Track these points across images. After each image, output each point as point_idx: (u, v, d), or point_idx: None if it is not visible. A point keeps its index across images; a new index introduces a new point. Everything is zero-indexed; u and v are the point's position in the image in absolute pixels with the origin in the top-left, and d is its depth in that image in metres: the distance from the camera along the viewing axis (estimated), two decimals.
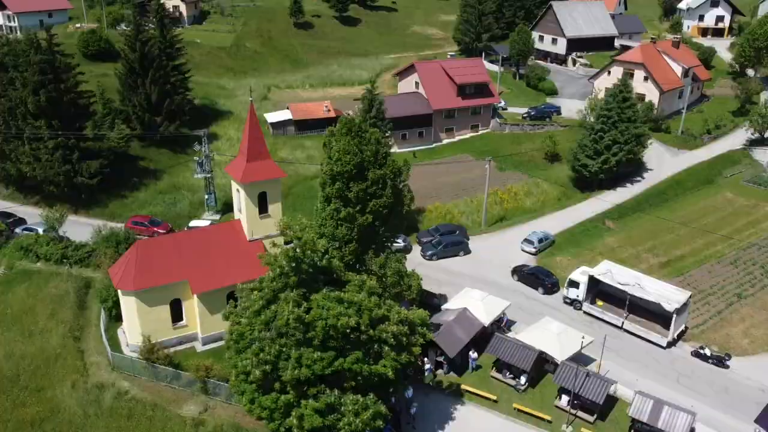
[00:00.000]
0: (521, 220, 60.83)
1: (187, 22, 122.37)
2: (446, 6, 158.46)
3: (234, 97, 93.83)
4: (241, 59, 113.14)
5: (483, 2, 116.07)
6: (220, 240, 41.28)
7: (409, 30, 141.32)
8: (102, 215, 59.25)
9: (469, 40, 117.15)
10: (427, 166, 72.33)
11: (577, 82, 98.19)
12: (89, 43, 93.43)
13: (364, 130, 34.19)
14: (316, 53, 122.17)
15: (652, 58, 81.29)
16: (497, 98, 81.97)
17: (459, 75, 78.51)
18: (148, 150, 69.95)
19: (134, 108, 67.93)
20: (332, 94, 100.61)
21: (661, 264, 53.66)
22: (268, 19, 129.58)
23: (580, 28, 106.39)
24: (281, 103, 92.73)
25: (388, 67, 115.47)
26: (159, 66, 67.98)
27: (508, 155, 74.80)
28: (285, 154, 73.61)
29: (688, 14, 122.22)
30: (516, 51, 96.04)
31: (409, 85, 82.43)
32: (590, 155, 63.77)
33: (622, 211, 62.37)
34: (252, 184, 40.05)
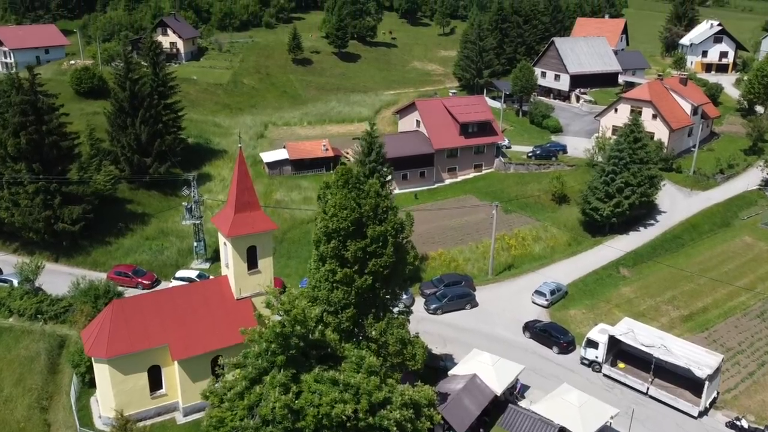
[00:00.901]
0: (530, 268, 57.18)
1: (185, 58, 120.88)
2: (446, 42, 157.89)
3: (229, 135, 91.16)
4: (238, 96, 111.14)
5: (484, 38, 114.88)
6: (204, 298, 37.62)
7: (408, 66, 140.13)
8: (84, 264, 55.68)
9: (470, 76, 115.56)
10: (429, 209, 69.04)
11: (582, 119, 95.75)
12: (82, 80, 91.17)
13: (362, 181, 30.84)
14: (314, 89, 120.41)
15: (660, 95, 78.86)
16: (501, 137, 79.22)
17: (461, 113, 75.92)
18: (137, 193, 66.74)
19: (123, 149, 64.96)
20: (331, 131, 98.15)
21: (682, 317, 49.85)
22: (266, 56, 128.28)
23: (583, 64, 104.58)
24: (278, 141, 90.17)
25: (388, 104, 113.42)
26: (150, 105, 65.26)
27: (513, 197, 71.61)
28: (280, 196, 70.44)
29: (691, 50, 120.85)
30: (519, 88, 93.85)
31: (410, 124, 79.79)
32: (601, 198, 60.50)
33: (637, 257, 58.79)
34: (240, 238, 36.60)
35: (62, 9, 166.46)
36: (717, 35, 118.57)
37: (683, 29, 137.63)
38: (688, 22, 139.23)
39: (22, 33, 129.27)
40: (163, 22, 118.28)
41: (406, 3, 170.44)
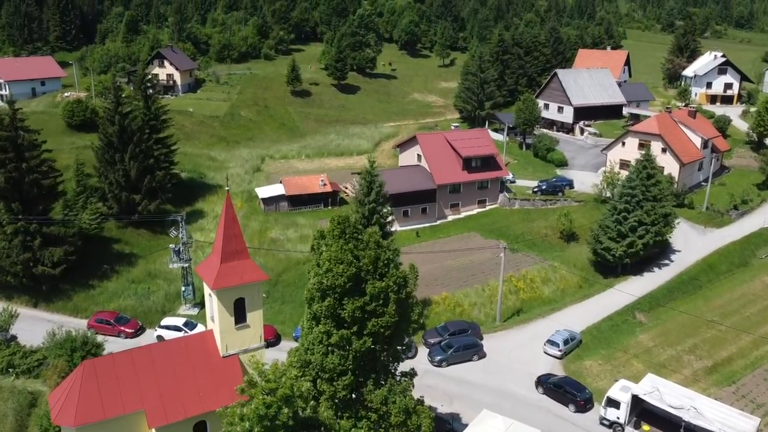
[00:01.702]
0: (540, 313, 53.67)
1: (181, 90, 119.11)
2: (446, 73, 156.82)
3: (224, 169, 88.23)
4: (234, 128, 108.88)
5: (485, 70, 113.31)
6: (186, 356, 34.05)
7: (408, 97, 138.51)
8: (64, 309, 52.18)
9: (471, 108, 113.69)
10: (431, 248, 65.79)
11: (588, 152, 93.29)
12: (74, 113, 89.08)
13: (360, 230, 27.69)
14: (313, 121, 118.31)
15: (669, 128, 76.44)
16: (505, 171, 76.49)
17: (464, 147, 73.29)
18: (125, 231, 63.54)
19: (111, 185, 62.02)
20: (329, 164, 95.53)
21: (706, 369, 46.22)
22: (264, 87, 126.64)
23: (586, 96, 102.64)
24: (275, 175, 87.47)
25: (388, 136, 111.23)
26: (140, 140, 62.57)
27: (519, 234, 68.47)
28: (276, 234, 67.19)
29: (695, 81, 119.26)
30: (522, 120, 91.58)
31: (411, 158, 77.12)
32: (613, 237, 57.35)
33: (653, 301, 55.35)
34: (226, 290, 33.25)
35: (61, 41, 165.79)
36: (721, 66, 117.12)
37: (685, 60, 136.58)
38: (690, 54, 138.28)
39: (18, 65, 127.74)
40: (159, 54, 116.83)
41: (405, 35, 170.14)
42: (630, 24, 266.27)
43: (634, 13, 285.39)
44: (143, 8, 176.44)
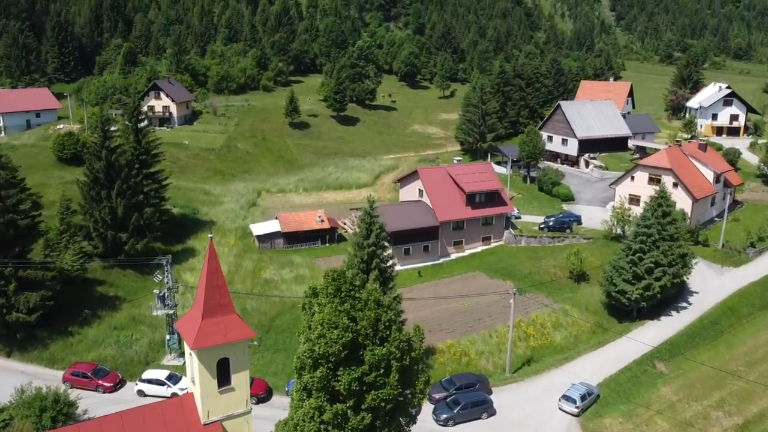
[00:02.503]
0: (553, 362, 49.88)
1: (177, 122, 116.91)
2: (446, 105, 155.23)
3: (219, 204, 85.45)
4: (231, 161, 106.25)
5: (486, 102, 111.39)
6: (163, 424, 30.31)
7: (408, 129, 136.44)
8: (40, 359, 48.40)
9: (472, 140, 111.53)
10: (434, 289, 62.29)
11: (594, 185, 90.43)
12: (65, 146, 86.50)
13: (358, 287, 24.31)
14: (311, 154, 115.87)
15: (680, 162, 73.67)
16: (511, 207, 73.40)
17: (467, 182, 70.34)
18: (110, 273, 60.03)
19: (96, 223, 58.76)
20: (327, 198, 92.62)
21: (737, 428, 42.37)
22: (262, 119, 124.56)
23: (591, 128, 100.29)
24: (271, 210, 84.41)
25: (388, 169, 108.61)
26: (128, 176, 59.55)
27: (526, 274, 65.02)
28: (270, 274, 63.70)
29: (701, 113, 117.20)
30: (526, 153, 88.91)
31: (412, 193, 74.12)
32: (628, 279, 53.89)
33: (673, 348, 51.63)
34: (208, 350, 29.70)
35: (59, 72, 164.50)
36: (726, 98, 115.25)
37: (689, 92, 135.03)
38: (693, 85, 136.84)
39: (13, 96, 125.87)
40: (156, 86, 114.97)
41: (405, 66, 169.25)
42: (629, 55, 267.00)
43: (632, 45, 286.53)
44: (142, 40, 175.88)
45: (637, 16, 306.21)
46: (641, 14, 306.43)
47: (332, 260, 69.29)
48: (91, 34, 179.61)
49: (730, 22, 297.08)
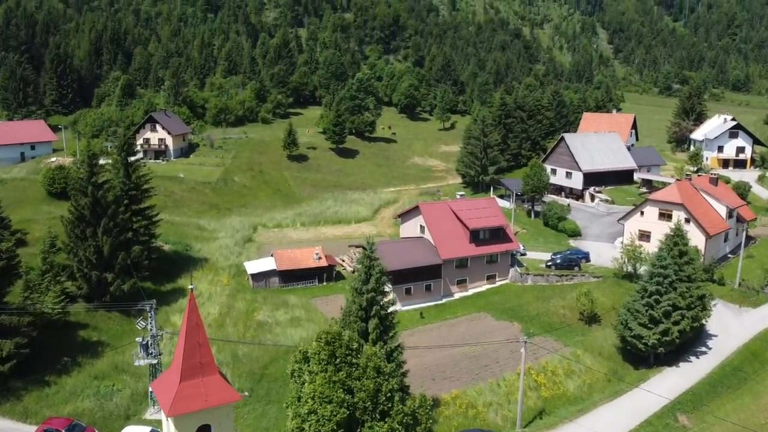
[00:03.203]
0: (566, 415, 46.24)
1: (173, 155, 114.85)
2: (446, 137, 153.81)
3: (213, 240, 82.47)
4: (227, 195, 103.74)
5: (488, 134, 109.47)
6: None
7: (408, 161, 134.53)
8: (12, 413, 44.64)
9: (474, 173, 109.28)
10: (437, 332, 58.88)
11: (601, 220, 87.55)
12: (55, 180, 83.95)
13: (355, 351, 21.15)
14: (310, 187, 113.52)
15: (691, 197, 71.00)
16: (516, 243, 70.39)
17: (471, 218, 67.52)
18: (94, 315, 56.64)
19: (80, 263, 55.66)
20: (326, 233, 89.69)
21: None
22: (260, 152, 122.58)
23: (595, 161, 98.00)
24: (267, 246, 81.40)
25: (388, 202, 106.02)
26: (115, 212, 56.71)
27: (534, 315, 61.68)
28: (264, 317, 60.25)
29: (706, 145, 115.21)
30: (530, 187, 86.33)
31: (413, 229, 71.21)
32: (645, 323, 50.59)
33: (696, 399, 48.05)
34: (186, 417, 26.35)
35: (57, 104, 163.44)
36: (732, 130, 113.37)
37: (692, 123, 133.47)
38: (696, 117, 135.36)
39: (8, 129, 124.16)
40: (152, 118, 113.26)
41: (405, 98, 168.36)
42: (627, 87, 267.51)
43: (631, 77, 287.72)
44: (142, 72, 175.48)
45: (635, 49, 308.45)
46: (639, 47, 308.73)
47: (330, 300, 66.02)
48: (90, 66, 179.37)
49: (728, 55, 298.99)
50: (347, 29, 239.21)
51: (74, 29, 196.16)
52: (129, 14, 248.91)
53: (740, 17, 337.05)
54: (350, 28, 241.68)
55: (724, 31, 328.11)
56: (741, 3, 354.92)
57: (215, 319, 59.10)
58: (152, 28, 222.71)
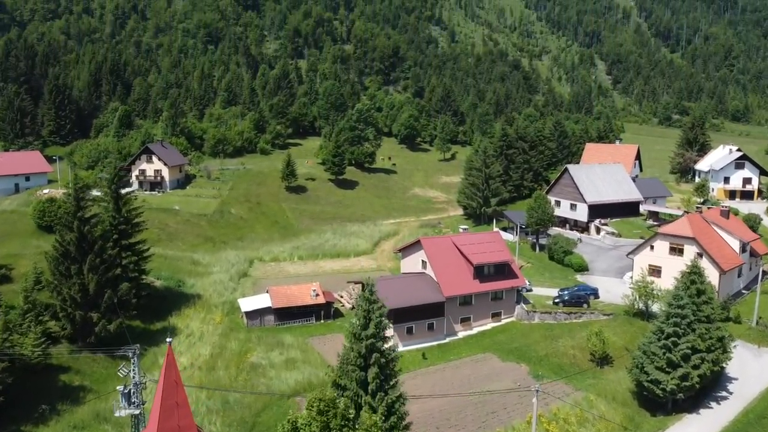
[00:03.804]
0: None
1: (169, 186, 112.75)
2: (447, 168, 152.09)
3: (207, 275, 79.65)
4: (223, 227, 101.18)
5: (489, 165, 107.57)
6: None
7: (409, 192, 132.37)
8: None
9: (476, 204, 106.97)
10: (441, 374, 55.69)
11: (608, 254, 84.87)
12: (45, 213, 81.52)
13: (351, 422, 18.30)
14: (308, 219, 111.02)
15: (703, 230, 68.49)
16: (522, 279, 67.58)
17: (475, 253, 64.85)
18: (78, 358, 53.55)
19: (64, 302, 52.81)
20: (324, 267, 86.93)
21: None
22: (257, 183, 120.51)
23: (600, 193, 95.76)
24: (263, 281, 78.61)
25: (388, 234, 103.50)
26: (102, 248, 54.11)
27: (543, 356, 58.55)
28: (257, 358, 57.13)
29: (712, 176, 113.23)
30: (535, 219, 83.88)
31: (415, 264, 68.45)
32: (662, 367, 47.51)
33: None
34: None
35: (55, 135, 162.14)
36: (738, 161, 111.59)
37: (696, 154, 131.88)
38: (699, 147, 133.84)
39: (3, 160, 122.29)
40: (147, 149, 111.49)
41: (405, 129, 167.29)
42: (627, 118, 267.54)
43: (630, 108, 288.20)
44: (141, 103, 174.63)
45: (634, 80, 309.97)
46: (637, 78, 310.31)
47: (327, 339, 62.96)
48: (89, 97, 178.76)
49: (726, 86, 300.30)
50: (347, 61, 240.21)
51: (74, 60, 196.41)
52: (130, 46, 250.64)
53: (737, 49, 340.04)
54: (350, 59, 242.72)
55: (722, 62, 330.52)
56: (737, 35, 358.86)
57: (206, 361, 55.97)
58: (152, 60, 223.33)
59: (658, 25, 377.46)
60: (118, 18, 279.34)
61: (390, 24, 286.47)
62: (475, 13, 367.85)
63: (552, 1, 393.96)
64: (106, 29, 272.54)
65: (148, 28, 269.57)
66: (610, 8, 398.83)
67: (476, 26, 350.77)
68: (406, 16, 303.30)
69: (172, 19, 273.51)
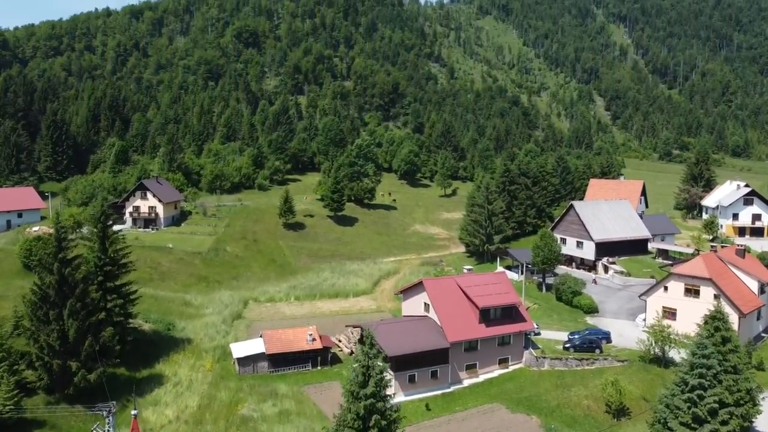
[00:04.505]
0: None
1: (164, 223, 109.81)
2: (448, 204, 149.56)
3: (199, 317, 76.08)
4: (218, 266, 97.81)
5: (492, 201, 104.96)
6: None
7: (409, 229, 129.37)
8: None
9: (479, 242, 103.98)
10: (446, 428, 51.69)
11: (617, 294, 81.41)
12: (32, 252, 78.32)
13: None
14: (306, 257, 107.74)
15: (720, 271, 65.30)
16: (530, 323, 63.94)
17: (481, 295, 61.47)
18: (55, 410, 49.57)
19: (41, 350, 49.20)
20: (321, 309, 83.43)
21: None
22: (254, 220, 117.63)
23: (608, 230, 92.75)
24: (257, 324, 75.09)
25: (388, 273, 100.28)
26: (84, 292, 50.78)
27: (554, 407, 54.60)
28: (248, 410, 53.21)
29: (720, 212, 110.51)
30: (541, 258, 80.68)
31: (417, 307, 64.95)
32: (687, 423, 43.65)
33: None
34: None
35: (51, 171, 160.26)
36: (747, 197, 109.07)
37: (701, 190, 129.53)
38: (705, 183, 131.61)
39: None
40: (142, 185, 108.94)
41: (405, 164, 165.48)
42: (627, 153, 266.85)
43: (630, 143, 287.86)
44: (139, 139, 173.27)
45: (633, 116, 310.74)
46: (636, 113, 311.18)
47: (324, 388, 59.09)
48: (87, 132, 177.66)
49: (725, 121, 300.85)
50: (347, 96, 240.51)
51: (73, 96, 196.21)
52: (131, 82, 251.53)
53: (734, 85, 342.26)
54: (350, 95, 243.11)
55: (720, 98, 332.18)
56: (734, 71, 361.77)
57: (193, 413, 52.09)
58: (152, 95, 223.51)
59: (655, 61, 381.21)
60: (120, 55, 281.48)
61: (389, 61, 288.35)
62: (473, 51, 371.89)
63: (549, 38, 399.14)
64: (107, 66, 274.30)
65: (149, 65, 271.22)
66: (607, 45, 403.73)
67: (475, 63, 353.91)
68: (405, 53, 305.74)
69: (173, 56, 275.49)
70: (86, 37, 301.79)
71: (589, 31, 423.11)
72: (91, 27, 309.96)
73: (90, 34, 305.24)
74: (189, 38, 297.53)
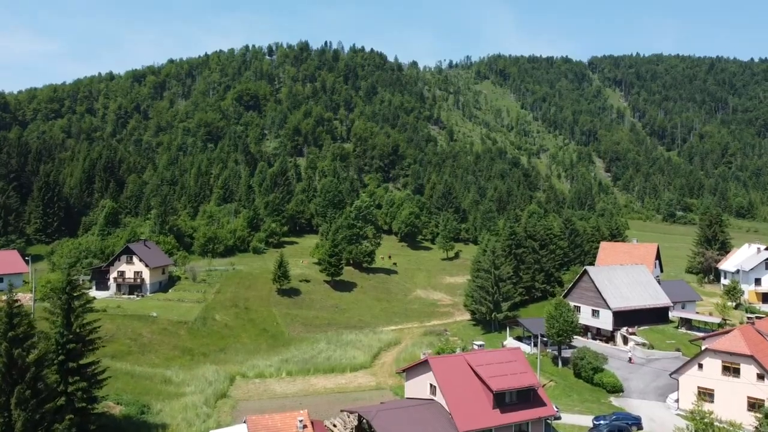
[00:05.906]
0: None
1: (150, 289, 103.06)
2: (450, 267, 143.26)
3: (179, 397, 68.17)
4: (204, 336, 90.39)
5: (499, 266, 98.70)
6: None
7: (411, 295, 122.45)
8: None
9: (486, 309, 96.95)
10: None
11: (641, 370, 73.87)
12: None
13: None
14: (300, 325, 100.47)
15: (760, 345, 58.38)
16: (551, 407, 56.31)
17: (494, 376, 54.24)
18: None
19: None
20: (315, 386, 75.54)
21: None
22: (247, 286, 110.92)
23: (625, 298, 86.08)
24: (243, 404, 67.27)
25: (389, 344, 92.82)
26: (36, 376, 43.77)
27: None
28: None
29: (742, 277, 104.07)
30: (556, 330, 73.67)
31: (422, 388, 57.55)
32: None
33: None
34: None
35: (40, 233, 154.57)
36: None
37: (717, 253, 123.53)
38: (719, 246, 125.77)
39: None
40: (128, 249, 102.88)
41: (405, 226, 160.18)
42: (630, 215, 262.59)
43: (632, 204, 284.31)
44: (132, 200, 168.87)
45: (633, 177, 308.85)
46: (637, 175, 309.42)
47: None
48: (80, 194, 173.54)
49: (727, 182, 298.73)
50: (346, 158, 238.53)
51: (69, 158, 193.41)
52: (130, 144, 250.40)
53: (733, 146, 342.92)
54: (349, 157, 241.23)
55: (719, 159, 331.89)
56: (732, 133, 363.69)
57: None
58: (149, 157, 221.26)
59: (653, 124, 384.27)
60: (120, 118, 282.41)
61: (389, 123, 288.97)
62: (472, 113, 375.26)
63: (547, 102, 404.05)
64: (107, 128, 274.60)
65: (150, 127, 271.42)
66: (604, 108, 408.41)
67: (474, 125, 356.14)
68: (405, 115, 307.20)
69: (174, 118, 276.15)
70: (88, 100, 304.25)
71: (586, 94, 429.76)
72: (93, 90, 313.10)
73: (92, 98, 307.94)
74: (190, 101, 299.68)
